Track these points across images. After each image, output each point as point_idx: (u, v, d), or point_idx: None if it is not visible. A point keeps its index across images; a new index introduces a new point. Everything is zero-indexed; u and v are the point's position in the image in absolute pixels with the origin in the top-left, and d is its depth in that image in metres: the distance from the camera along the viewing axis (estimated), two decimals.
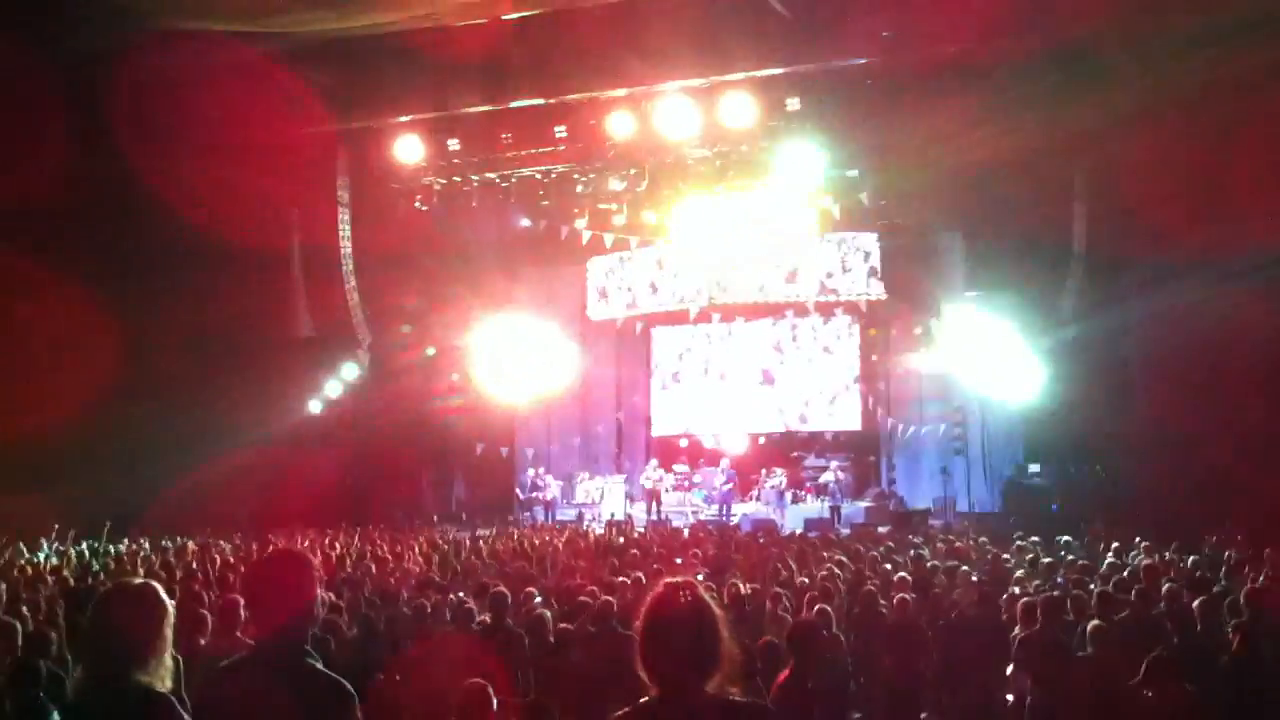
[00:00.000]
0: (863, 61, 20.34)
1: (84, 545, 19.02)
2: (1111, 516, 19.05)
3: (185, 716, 3.85)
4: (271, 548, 15.48)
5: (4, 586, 11.38)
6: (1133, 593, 9.83)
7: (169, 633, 3.97)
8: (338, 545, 17.78)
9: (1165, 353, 20.83)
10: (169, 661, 3.94)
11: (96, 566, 15.82)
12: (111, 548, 18.50)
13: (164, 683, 3.89)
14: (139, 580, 4.32)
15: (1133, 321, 22.09)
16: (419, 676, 7.62)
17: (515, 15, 18.52)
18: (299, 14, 16.88)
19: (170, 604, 4.02)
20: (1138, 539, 15.48)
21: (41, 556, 17.10)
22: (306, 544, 17.97)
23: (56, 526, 19.20)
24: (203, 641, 8.10)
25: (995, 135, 20.63)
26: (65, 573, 14.38)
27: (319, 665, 3.94)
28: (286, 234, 26.07)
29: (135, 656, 3.84)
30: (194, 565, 15.01)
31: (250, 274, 23.86)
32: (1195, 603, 9.12)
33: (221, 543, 19.38)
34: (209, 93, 19.81)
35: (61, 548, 18.53)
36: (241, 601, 7.92)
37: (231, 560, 15.75)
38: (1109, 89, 19.23)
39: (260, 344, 25.54)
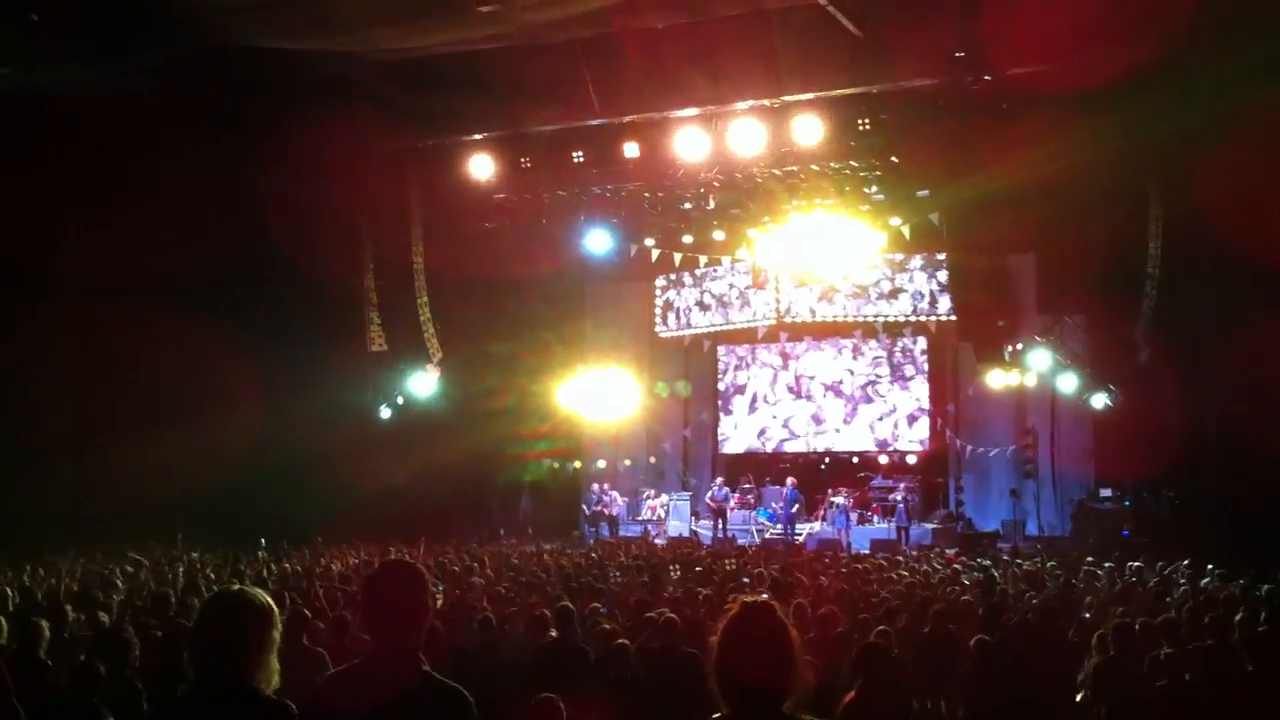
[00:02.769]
0: (935, 81, 20.22)
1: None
2: (1185, 543, 18.76)
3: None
4: (381, 558, 15.69)
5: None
6: (1206, 621, 9.69)
7: (276, 637, 4.01)
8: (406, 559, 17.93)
9: (1241, 378, 20.47)
10: (275, 665, 3.98)
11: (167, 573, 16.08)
12: (185, 556, 18.78)
13: (270, 686, 3.94)
14: (245, 586, 4.39)
15: (1208, 346, 21.78)
16: None
17: (588, 34, 18.63)
18: (372, 33, 17.12)
19: (276, 609, 4.07)
20: (1210, 566, 15.25)
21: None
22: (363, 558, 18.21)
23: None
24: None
25: (1068, 156, 20.41)
26: (142, 578, 14.65)
27: (434, 672, 3.99)
28: (359, 249, 26.40)
29: (245, 660, 3.89)
30: (264, 575, 15.23)
31: (323, 289, 24.21)
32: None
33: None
34: (285, 109, 20.15)
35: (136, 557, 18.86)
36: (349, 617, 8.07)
37: (301, 570, 15.98)
38: (1186, 109, 18.98)
39: (331, 357, 25.90)
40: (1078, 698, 8.73)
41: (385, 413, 26.94)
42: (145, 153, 20.40)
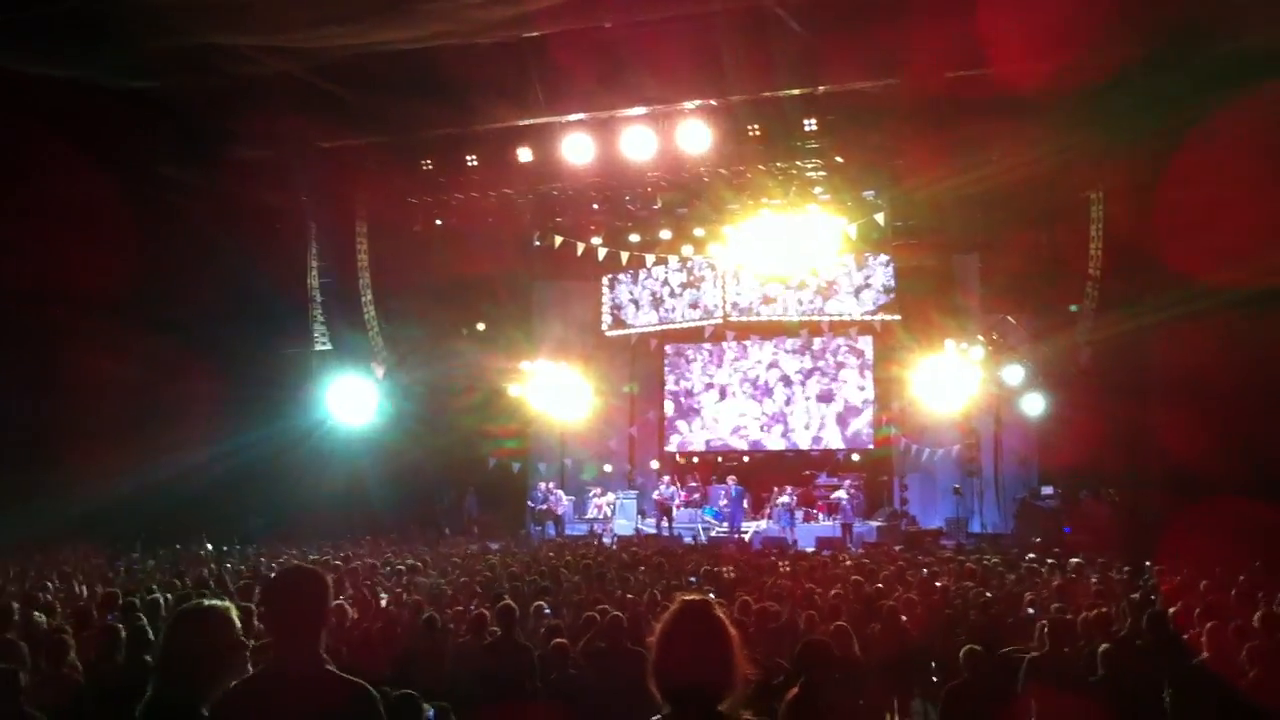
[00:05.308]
0: (880, 83, 20.36)
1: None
2: (1124, 540, 19.00)
3: None
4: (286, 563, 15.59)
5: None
6: (1144, 617, 9.80)
7: (246, 656, 4.03)
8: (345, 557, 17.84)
9: (1179, 378, 20.78)
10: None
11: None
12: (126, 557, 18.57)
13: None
14: (213, 602, 4.35)
15: (1147, 346, 22.07)
16: None
17: (536, 33, 18.58)
18: (324, 30, 16.96)
19: (240, 626, 4.03)
20: (1149, 563, 15.46)
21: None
22: (314, 556, 18.10)
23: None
24: None
25: (1012, 158, 20.67)
26: (74, 582, 14.46)
27: (337, 670, 3.99)
28: (304, 249, 26.20)
29: (208, 681, 3.86)
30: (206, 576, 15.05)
31: (269, 290, 24.00)
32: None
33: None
34: (230, 108, 19.94)
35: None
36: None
37: (244, 571, 15.82)
38: (1128, 114, 19.25)
39: (276, 359, 25.71)
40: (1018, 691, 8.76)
41: (329, 420, 26.72)
42: (86, 156, 20.03)
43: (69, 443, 21.28)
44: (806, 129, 21.62)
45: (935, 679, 9.79)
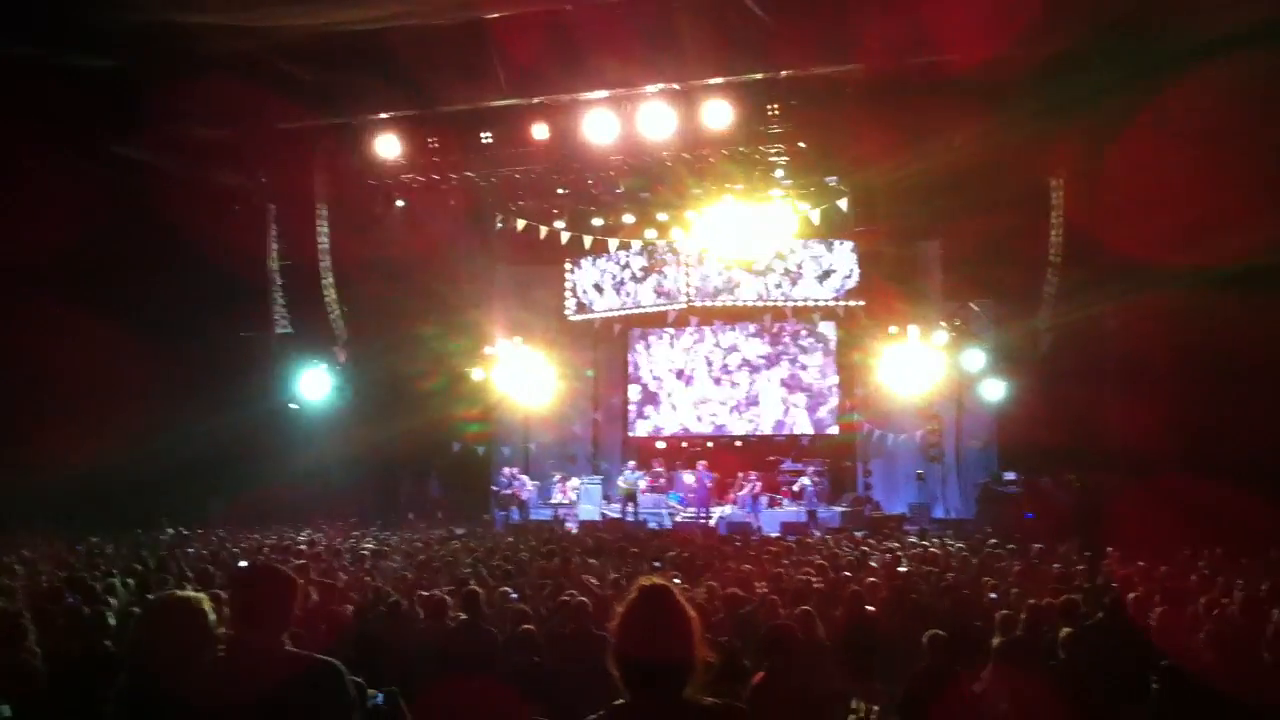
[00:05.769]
0: (843, 68, 20.35)
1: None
2: (1085, 526, 19.12)
3: None
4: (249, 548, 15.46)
5: None
6: (1103, 602, 9.85)
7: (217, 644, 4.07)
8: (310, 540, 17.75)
9: (1140, 362, 20.93)
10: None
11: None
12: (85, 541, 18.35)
13: None
14: (187, 593, 4.36)
15: (1108, 330, 22.20)
16: None
17: (497, 14, 18.45)
18: (281, 9, 16.78)
19: (213, 617, 4.11)
20: (1110, 548, 15.57)
21: None
22: (274, 540, 18.02)
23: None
24: None
25: (974, 143, 20.69)
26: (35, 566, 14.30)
27: (300, 650, 4.02)
28: (263, 231, 25.95)
29: (181, 668, 3.90)
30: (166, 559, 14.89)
31: (228, 272, 23.74)
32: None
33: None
34: (185, 87, 19.67)
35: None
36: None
37: (205, 555, 15.69)
38: (1088, 99, 19.32)
39: (236, 342, 25.46)
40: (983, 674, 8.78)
41: (291, 403, 26.50)
42: (41, 135, 19.70)
43: (26, 427, 20.99)
44: (769, 113, 21.60)
45: (899, 662, 9.79)
